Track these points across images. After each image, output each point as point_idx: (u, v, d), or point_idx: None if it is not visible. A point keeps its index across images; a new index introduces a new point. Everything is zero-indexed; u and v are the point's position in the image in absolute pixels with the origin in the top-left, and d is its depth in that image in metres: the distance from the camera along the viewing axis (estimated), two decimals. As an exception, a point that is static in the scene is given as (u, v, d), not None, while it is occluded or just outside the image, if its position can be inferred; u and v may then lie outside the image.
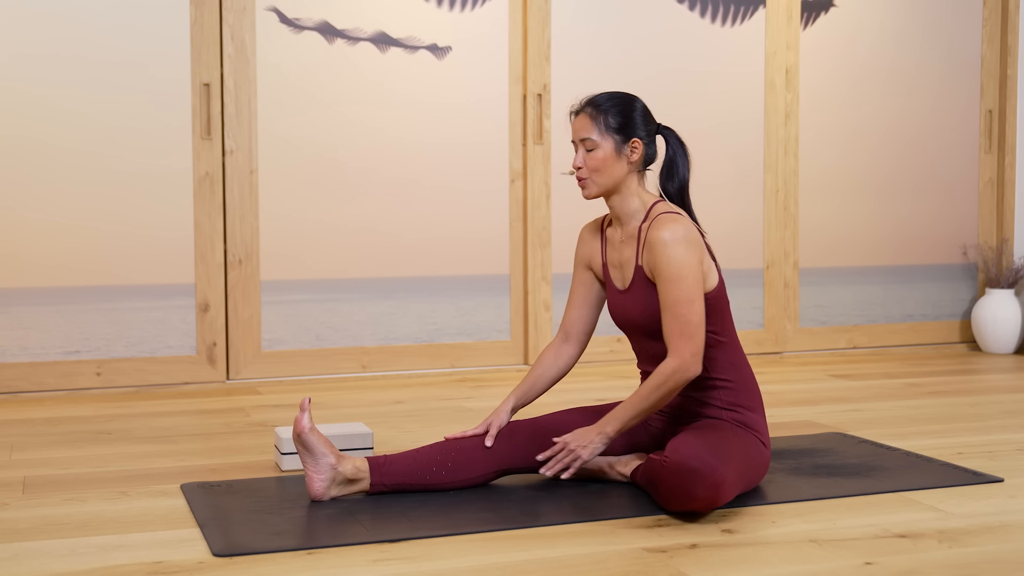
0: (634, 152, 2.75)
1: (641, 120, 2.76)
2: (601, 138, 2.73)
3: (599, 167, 2.74)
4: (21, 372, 4.22)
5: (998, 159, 5.52)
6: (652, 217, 2.74)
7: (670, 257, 2.64)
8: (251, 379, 4.49)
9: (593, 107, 2.75)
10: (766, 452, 2.76)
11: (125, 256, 4.33)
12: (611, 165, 2.74)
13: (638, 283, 2.76)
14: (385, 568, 2.21)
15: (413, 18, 4.63)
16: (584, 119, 2.76)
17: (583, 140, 2.75)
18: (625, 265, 2.80)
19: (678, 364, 2.63)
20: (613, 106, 2.75)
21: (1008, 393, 4.21)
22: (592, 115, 2.75)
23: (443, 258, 4.73)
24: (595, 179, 2.75)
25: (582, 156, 2.76)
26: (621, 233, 2.82)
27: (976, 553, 2.30)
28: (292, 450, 3.00)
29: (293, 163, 4.51)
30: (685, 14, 4.98)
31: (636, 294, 2.76)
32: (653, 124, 2.80)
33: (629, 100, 2.77)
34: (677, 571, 2.19)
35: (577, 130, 2.77)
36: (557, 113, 4.82)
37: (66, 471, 3.04)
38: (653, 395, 2.64)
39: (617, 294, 2.83)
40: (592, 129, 2.74)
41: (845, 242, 5.30)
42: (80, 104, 4.25)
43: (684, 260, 2.64)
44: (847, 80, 5.25)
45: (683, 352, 2.63)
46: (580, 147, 2.77)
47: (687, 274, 2.63)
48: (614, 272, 2.85)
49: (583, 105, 2.78)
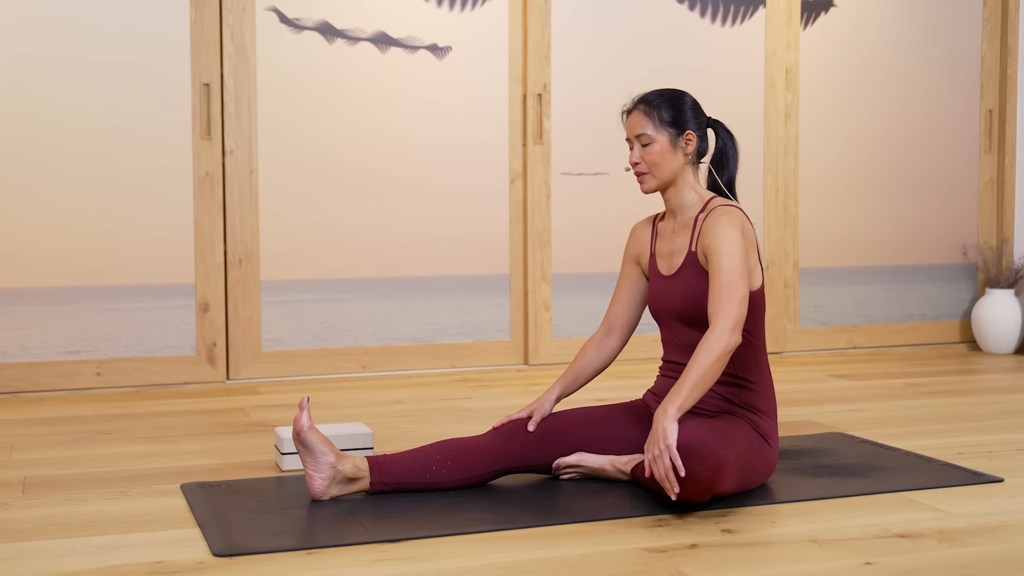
0: (688, 144, 2.82)
1: (691, 113, 2.83)
2: (656, 132, 2.81)
3: (656, 160, 2.81)
4: (21, 372, 4.22)
5: (998, 159, 5.52)
6: (710, 208, 2.81)
7: (727, 235, 2.70)
8: (251, 379, 4.49)
9: (646, 103, 2.83)
10: (772, 454, 2.76)
11: (125, 256, 4.33)
12: (668, 158, 2.81)
13: (687, 268, 2.80)
14: (385, 568, 2.21)
15: (413, 18, 4.63)
16: (638, 115, 2.83)
17: (638, 136, 2.83)
18: (676, 253, 2.85)
19: (719, 333, 2.61)
20: (665, 101, 2.82)
21: (1008, 393, 4.21)
22: (646, 111, 2.82)
23: (443, 258, 4.73)
24: (654, 172, 2.83)
25: (638, 152, 2.83)
26: (675, 224, 2.89)
27: (976, 553, 2.30)
28: (292, 450, 3.00)
29: (293, 163, 4.51)
30: (685, 14, 4.98)
31: (682, 279, 2.80)
32: (704, 117, 2.87)
33: (680, 94, 2.84)
34: (677, 571, 2.19)
35: (632, 127, 2.84)
36: (557, 113, 4.82)
37: (66, 471, 3.04)
38: (704, 364, 2.58)
39: (661, 280, 2.87)
40: (647, 124, 2.81)
41: (845, 242, 5.30)
42: (80, 104, 4.25)
43: (738, 243, 2.70)
44: (847, 80, 5.25)
45: (726, 318, 2.63)
46: (635, 143, 2.84)
47: (739, 252, 2.69)
48: (661, 261, 2.90)
49: (636, 103, 2.85)
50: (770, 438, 2.77)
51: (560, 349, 4.86)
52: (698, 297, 2.77)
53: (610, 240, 4.93)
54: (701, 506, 2.62)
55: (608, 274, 4.93)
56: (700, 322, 2.79)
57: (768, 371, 2.82)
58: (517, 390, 4.30)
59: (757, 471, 2.71)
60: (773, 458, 2.78)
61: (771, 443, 2.77)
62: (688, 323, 2.81)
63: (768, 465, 2.76)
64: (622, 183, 4.94)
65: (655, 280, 2.90)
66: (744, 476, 2.65)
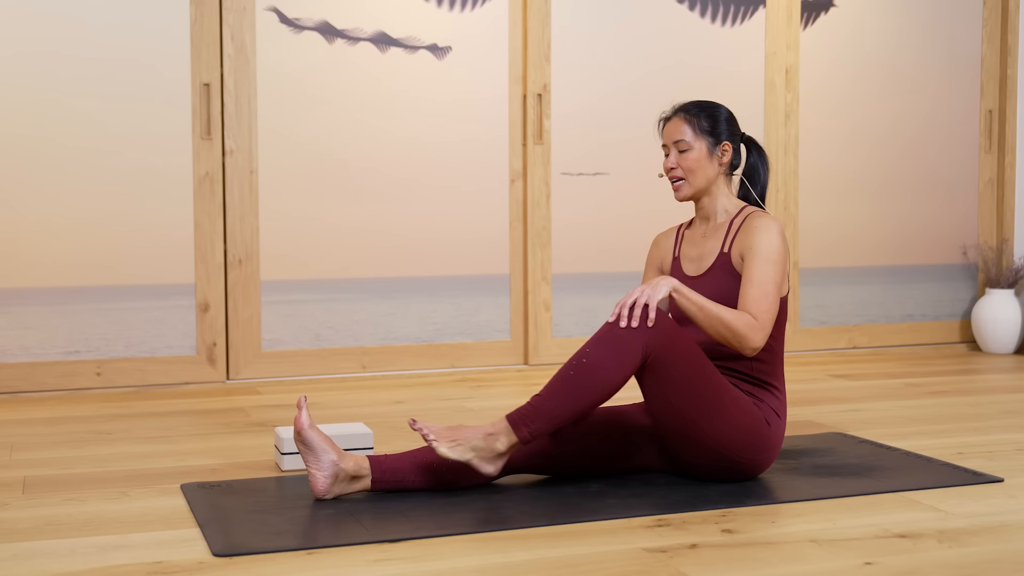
0: (724, 155, 2.88)
1: (727, 126, 2.90)
2: (695, 139, 2.87)
3: (693, 167, 2.87)
4: (21, 372, 4.22)
5: (998, 159, 5.52)
6: (746, 214, 2.87)
7: (769, 240, 2.75)
8: (251, 379, 4.49)
9: (685, 112, 2.90)
10: (772, 439, 2.78)
11: (125, 256, 4.33)
12: (704, 165, 2.87)
13: (716, 269, 2.84)
14: (385, 568, 2.21)
15: (413, 18, 4.63)
16: (677, 122, 2.89)
17: (676, 142, 2.88)
18: (706, 256, 2.89)
19: (751, 325, 2.67)
20: (703, 110, 2.89)
21: (1008, 393, 4.21)
22: (686, 118, 2.88)
23: (443, 258, 4.73)
24: (690, 179, 2.88)
25: (675, 157, 2.89)
26: (706, 229, 2.93)
27: (976, 553, 2.30)
28: (292, 450, 3.00)
29: (293, 163, 4.51)
30: (685, 14, 4.98)
31: (710, 279, 2.84)
32: (739, 131, 2.93)
33: (717, 106, 2.91)
34: (677, 571, 2.19)
35: (671, 133, 2.89)
36: (557, 113, 4.82)
37: (66, 471, 3.04)
38: (719, 315, 2.65)
39: (686, 281, 2.91)
40: (686, 131, 2.88)
41: (845, 242, 5.30)
42: (80, 103, 4.25)
43: (779, 250, 2.75)
44: (847, 80, 5.25)
45: (759, 322, 2.68)
46: (672, 149, 2.89)
47: (779, 260, 2.74)
48: (687, 263, 2.93)
49: (675, 110, 2.92)
50: (773, 420, 2.80)
51: (560, 349, 4.86)
52: (725, 296, 2.80)
53: (610, 240, 4.93)
54: (701, 506, 2.62)
55: (608, 274, 4.93)
56: None
57: (783, 377, 2.88)
58: (517, 390, 4.30)
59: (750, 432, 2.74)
60: (772, 445, 2.78)
61: (773, 421, 2.79)
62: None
63: (765, 438, 2.77)
64: (622, 183, 4.94)
65: (680, 280, 2.92)
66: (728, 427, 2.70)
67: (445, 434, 2.65)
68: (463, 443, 2.64)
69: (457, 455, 2.63)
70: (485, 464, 2.65)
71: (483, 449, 2.64)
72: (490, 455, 2.65)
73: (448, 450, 2.63)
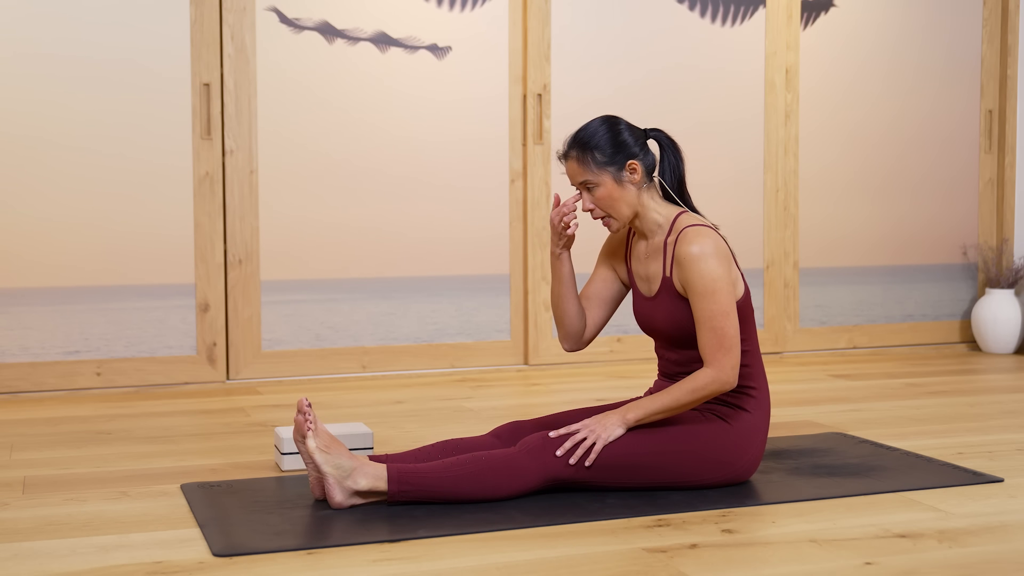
0: (634, 173, 2.74)
1: (628, 138, 2.74)
2: (598, 175, 2.73)
3: (610, 203, 2.75)
4: (21, 372, 4.22)
5: (998, 159, 5.52)
6: (677, 230, 2.74)
7: (702, 272, 2.65)
8: (251, 379, 4.49)
9: (578, 148, 2.74)
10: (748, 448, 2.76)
11: (125, 256, 4.33)
12: (620, 196, 2.74)
13: (664, 293, 2.77)
14: (385, 568, 2.21)
15: (413, 18, 4.63)
16: (573, 164, 2.75)
17: (582, 183, 2.76)
18: (652, 278, 2.81)
19: (716, 375, 2.66)
20: (596, 139, 2.73)
21: (1008, 393, 4.21)
22: (579, 158, 2.74)
23: (443, 258, 4.73)
24: (614, 214, 2.76)
25: (588, 198, 2.76)
26: (646, 247, 2.83)
27: (976, 553, 2.30)
28: (292, 450, 3.00)
29: (293, 163, 4.51)
30: (685, 14, 4.98)
31: (662, 303, 2.78)
32: (640, 134, 2.78)
33: (609, 125, 2.75)
34: (677, 571, 2.19)
35: (573, 175, 2.77)
36: (557, 113, 4.82)
37: (66, 471, 3.04)
38: (686, 398, 2.67)
39: (643, 300, 2.85)
40: (585, 170, 2.74)
41: (845, 242, 5.30)
42: (80, 103, 4.25)
43: (716, 273, 2.65)
44: (847, 80, 5.25)
45: (723, 364, 2.65)
46: (582, 189, 2.77)
47: (720, 287, 2.65)
48: (640, 282, 2.87)
49: (567, 149, 2.76)
50: (752, 434, 2.77)
51: (560, 349, 4.86)
52: (680, 321, 2.75)
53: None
54: (701, 506, 2.62)
55: (608, 274, 4.93)
56: (689, 343, 2.78)
57: (764, 375, 2.83)
58: (517, 390, 4.30)
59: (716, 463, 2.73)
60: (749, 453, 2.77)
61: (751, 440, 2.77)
62: (676, 344, 2.81)
63: (740, 462, 2.75)
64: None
65: (638, 298, 2.88)
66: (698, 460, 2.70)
67: (325, 436, 2.58)
68: (333, 454, 2.56)
69: (320, 459, 2.55)
70: (337, 489, 2.56)
71: (345, 474, 2.55)
72: (348, 484, 2.56)
73: (315, 449, 2.55)
